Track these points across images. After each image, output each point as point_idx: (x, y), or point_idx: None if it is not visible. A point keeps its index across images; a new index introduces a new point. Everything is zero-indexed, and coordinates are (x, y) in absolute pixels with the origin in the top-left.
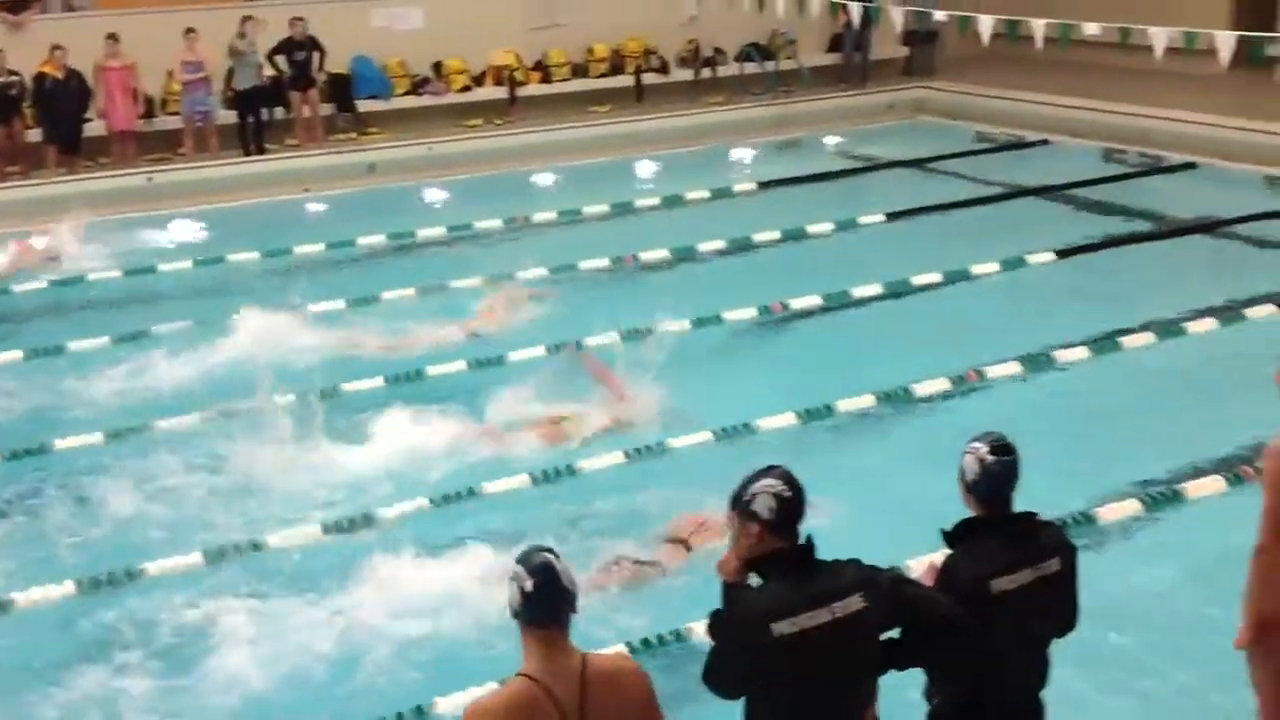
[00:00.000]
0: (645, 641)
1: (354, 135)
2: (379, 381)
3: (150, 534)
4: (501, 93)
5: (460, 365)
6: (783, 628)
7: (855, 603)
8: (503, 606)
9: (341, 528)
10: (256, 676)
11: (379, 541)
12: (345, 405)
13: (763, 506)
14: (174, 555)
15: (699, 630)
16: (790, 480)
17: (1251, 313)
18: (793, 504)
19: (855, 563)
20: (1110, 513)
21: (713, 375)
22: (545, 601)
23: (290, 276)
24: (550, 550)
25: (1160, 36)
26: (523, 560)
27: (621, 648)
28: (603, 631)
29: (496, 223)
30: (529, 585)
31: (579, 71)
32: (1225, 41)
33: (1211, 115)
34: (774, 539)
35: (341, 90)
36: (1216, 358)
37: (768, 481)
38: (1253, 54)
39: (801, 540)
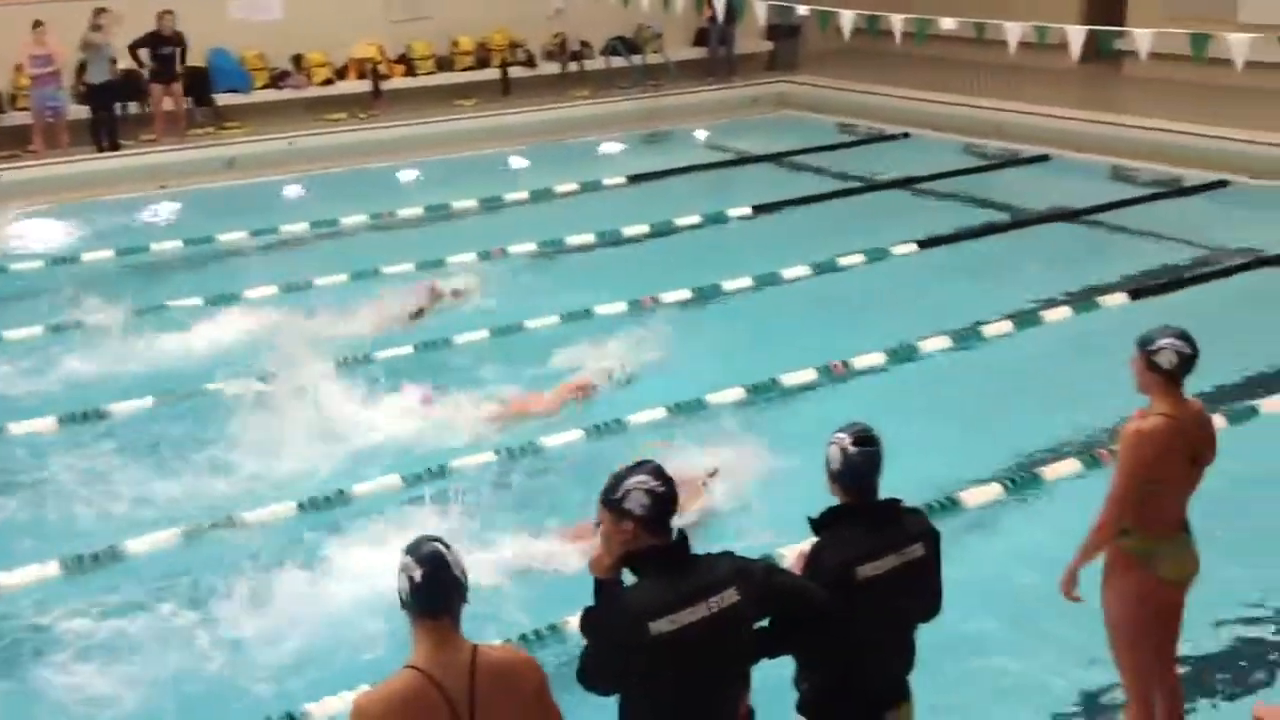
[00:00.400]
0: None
1: (211, 130)
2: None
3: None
4: (364, 86)
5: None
6: (661, 626)
7: (730, 596)
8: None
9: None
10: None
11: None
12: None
13: (635, 503)
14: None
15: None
16: (661, 475)
17: (1105, 300)
18: (665, 499)
19: (728, 555)
20: (973, 496)
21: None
22: (435, 591)
23: (148, 275)
24: (439, 540)
25: (1014, 31)
26: (412, 550)
27: None
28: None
29: (362, 218)
30: (418, 575)
31: (444, 64)
32: (1076, 36)
33: (1064, 108)
34: (648, 535)
35: (199, 84)
36: (1072, 344)
37: (640, 478)
38: (1102, 48)
39: (674, 535)
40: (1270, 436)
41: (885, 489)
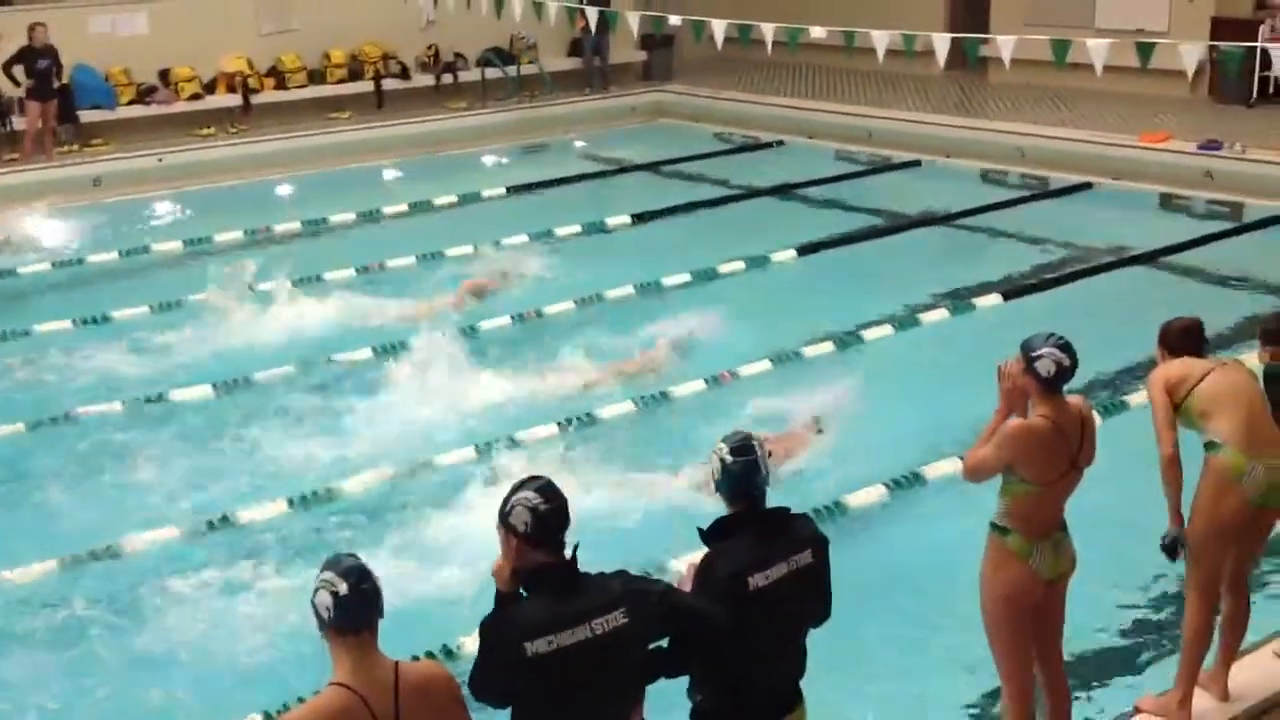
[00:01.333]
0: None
1: (76, 148)
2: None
3: None
4: (234, 100)
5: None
6: (538, 646)
7: (618, 619)
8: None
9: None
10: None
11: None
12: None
13: (519, 520)
14: None
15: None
16: (548, 493)
17: (980, 301)
18: (549, 517)
19: (622, 575)
20: (858, 499)
21: (477, 384)
22: (358, 606)
23: (11, 299)
24: (354, 555)
25: (882, 39)
26: (331, 565)
27: None
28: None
29: (237, 234)
30: (343, 589)
31: (315, 77)
32: (941, 44)
33: (932, 114)
34: (533, 552)
35: (62, 101)
36: (949, 346)
37: (525, 494)
38: (968, 55)
39: (566, 553)
40: (1141, 429)
41: (773, 497)
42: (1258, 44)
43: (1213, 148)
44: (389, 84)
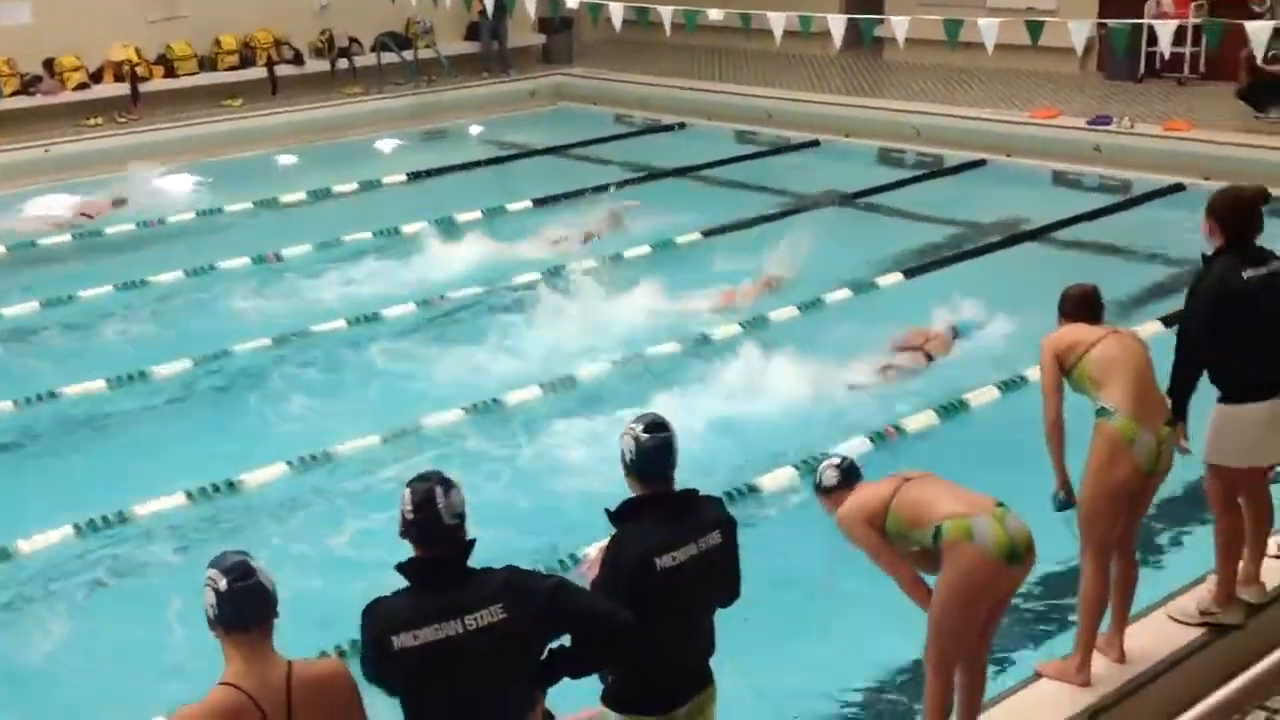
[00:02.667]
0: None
1: None
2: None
3: None
4: (123, 89)
5: None
6: (404, 640)
7: (495, 613)
8: None
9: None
10: None
11: None
12: None
13: (401, 518)
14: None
15: None
16: (421, 489)
17: (882, 280)
18: (427, 521)
19: (508, 570)
20: (769, 482)
21: (387, 375)
22: (243, 604)
23: None
24: (244, 552)
25: (778, 21)
26: (216, 562)
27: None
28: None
29: (128, 226)
30: (223, 586)
31: (206, 64)
32: (837, 24)
33: (830, 95)
34: (415, 545)
35: None
36: (856, 324)
37: (405, 491)
38: (863, 36)
39: (453, 548)
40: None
41: (682, 478)
42: (1144, 21)
43: (1102, 123)
44: (282, 70)
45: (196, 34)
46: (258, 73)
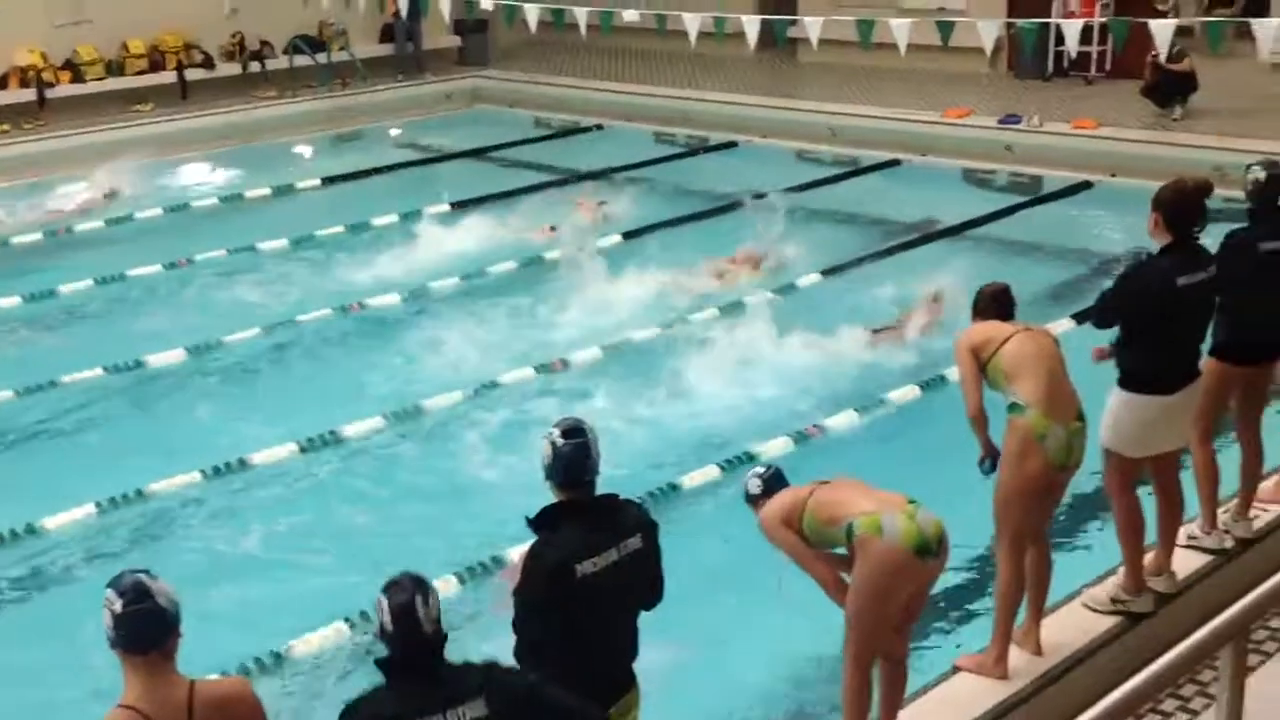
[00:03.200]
0: None
1: None
2: None
3: None
4: (29, 95)
5: None
6: None
7: (477, 709)
8: None
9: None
10: None
11: None
12: None
13: (379, 628)
14: None
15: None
16: (400, 600)
17: (801, 281)
18: (403, 618)
19: (486, 666)
20: (692, 480)
21: (297, 383)
22: (138, 628)
23: None
24: (145, 571)
25: (693, 22)
26: (114, 582)
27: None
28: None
29: (35, 236)
30: (119, 608)
31: (114, 69)
32: (751, 26)
33: (746, 95)
34: (390, 644)
35: None
36: (774, 326)
37: (381, 599)
38: (777, 37)
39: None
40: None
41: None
42: (1051, 20)
43: (1012, 121)
44: (193, 74)
45: (104, 38)
46: (167, 77)
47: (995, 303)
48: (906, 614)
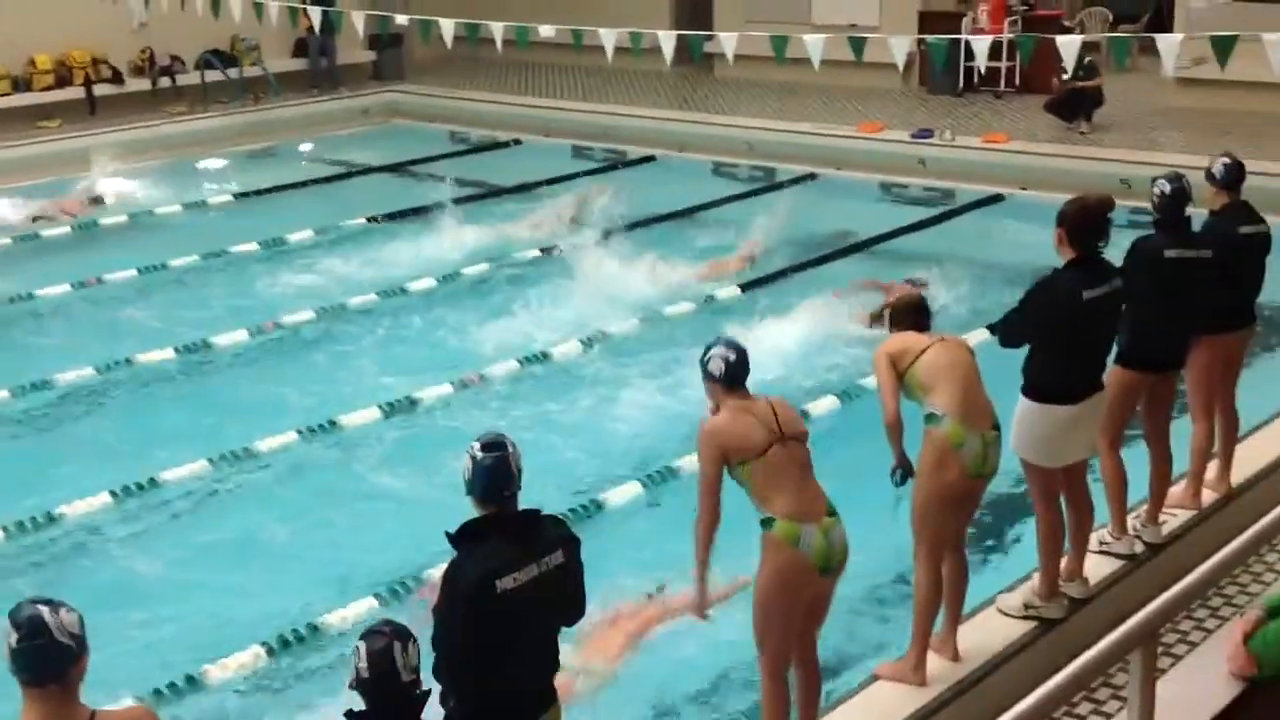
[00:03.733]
0: None
1: None
2: None
3: None
4: None
5: None
6: None
7: None
8: None
9: None
10: None
11: None
12: None
13: (355, 673)
14: None
15: None
16: (378, 645)
17: (720, 294)
18: (379, 674)
19: None
20: (614, 496)
21: (216, 402)
22: (36, 659)
23: None
24: (48, 601)
25: (609, 37)
26: (11, 613)
27: None
28: None
29: None
30: (14, 640)
31: (20, 85)
32: (667, 41)
33: (664, 110)
34: (366, 694)
35: None
36: (697, 338)
37: (359, 645)
38: (693, 52)
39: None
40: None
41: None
42: (961, 36)
43: (924, 136)
44: (101, 89)
45: (9, 53)
46: (75, 93)
47: (911, 313)
48: (811, 618)
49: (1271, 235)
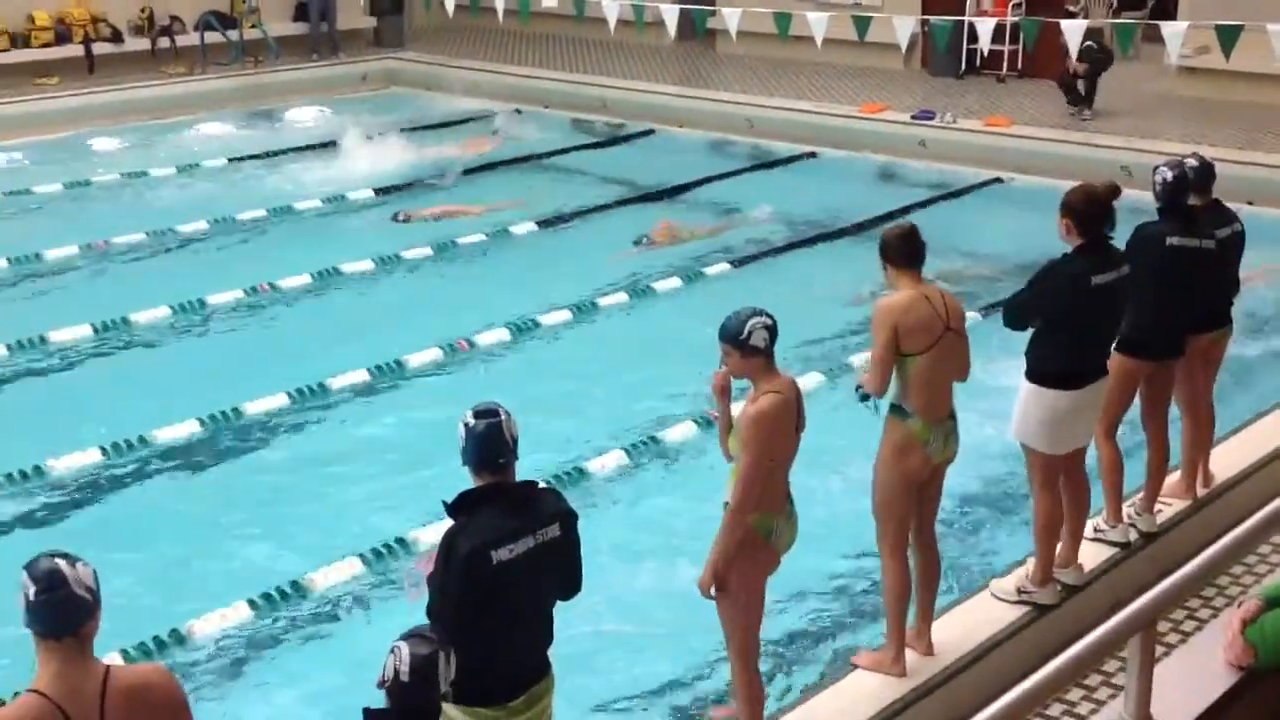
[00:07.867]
0: None
1: None
2: None
3: None
4: None
5: None
6: None
7: None
8: None
9: None
10: None
11: None
12: None
13: (390, 667)
14: None
15: None
16: (422, 648)
17: (710, 270)
18: (423, 671)
19: None
20: (600, 465)
21: (211, 362)
22: (54, 612)
23: None
24: (64, 555)
25: (612, 9)
26: (29, 566)
27: None
28: None
29: None
30: (32, 593)
31: (19, 41)
32: (670, 15)
33: (664, 84)
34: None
35: None
36: (687, 313)
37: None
38: (696, 27)
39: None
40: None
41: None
42: (965, 18)
43: (926, 118)
44: (100, 48)
45: (8, 9)
46: (74, 51)
47: (906, 247)
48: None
49: (1244, 233)
